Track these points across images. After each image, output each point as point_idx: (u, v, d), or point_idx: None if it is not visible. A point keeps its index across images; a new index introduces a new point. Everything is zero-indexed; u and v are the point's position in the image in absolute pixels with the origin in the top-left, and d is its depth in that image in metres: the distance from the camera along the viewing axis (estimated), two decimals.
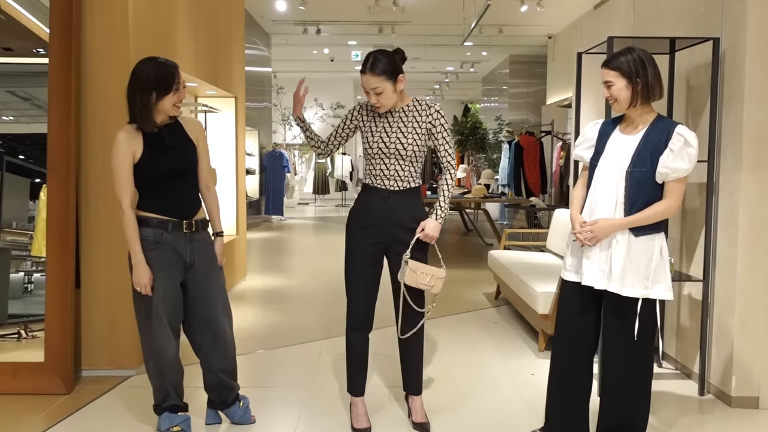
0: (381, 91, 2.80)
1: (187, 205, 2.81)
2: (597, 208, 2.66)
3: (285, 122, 17.95)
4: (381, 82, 2.80)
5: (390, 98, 2.84)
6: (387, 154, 2.88)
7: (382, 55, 2.84)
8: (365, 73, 2.81)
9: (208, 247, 2.88)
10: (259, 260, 8.24)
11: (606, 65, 2.63)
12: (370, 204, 2.93)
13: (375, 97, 2.83)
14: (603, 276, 2.63)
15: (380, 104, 2.84)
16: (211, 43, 5.43)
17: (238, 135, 6.35)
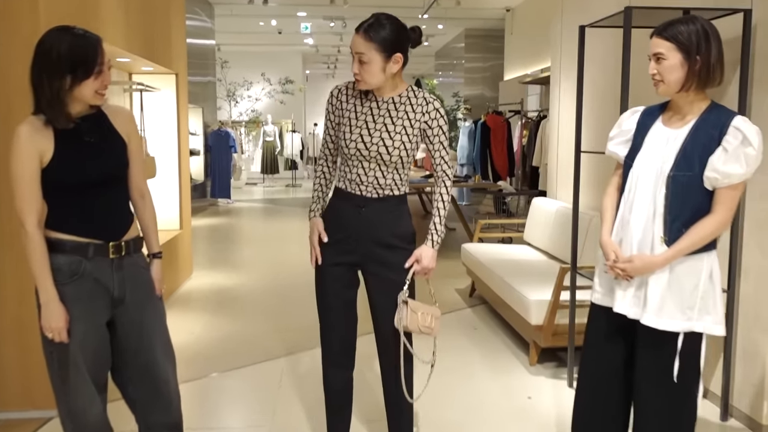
0: (366, 60, 2.23)
1: (114, 222, 2.17)
2: (631, 219, 2.14)
3: (230, 98, 17.05)
4: (370, 50, 2.22)
5: (374, 75, 2.25)
6: (366, 158, 2.31)
7: (388, 20, 2.25)
8: (357, 32, 2.25)
9: (142, 275, 2.25)
10: (206, 253, 7.56)
11: (660, 34, 2.08)
12: (342, 213, 2.38)
13: (357, 65, 2.25)
14: (637, 305, 2.13)
15: (360, 77, 2.26)
16: (146, 12, 4.69)
17: (180, 116, 5.63)
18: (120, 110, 2.28)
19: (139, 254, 2.25)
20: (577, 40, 5.08)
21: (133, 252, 2.21)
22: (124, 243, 2.17)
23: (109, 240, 2.13)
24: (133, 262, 2.20)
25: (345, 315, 2.45)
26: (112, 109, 2.24)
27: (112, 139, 2.18)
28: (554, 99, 5.41)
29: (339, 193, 2.41)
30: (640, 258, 2.09)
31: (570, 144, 5.04)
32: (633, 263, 2.09)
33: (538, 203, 5.31)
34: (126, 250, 2.17)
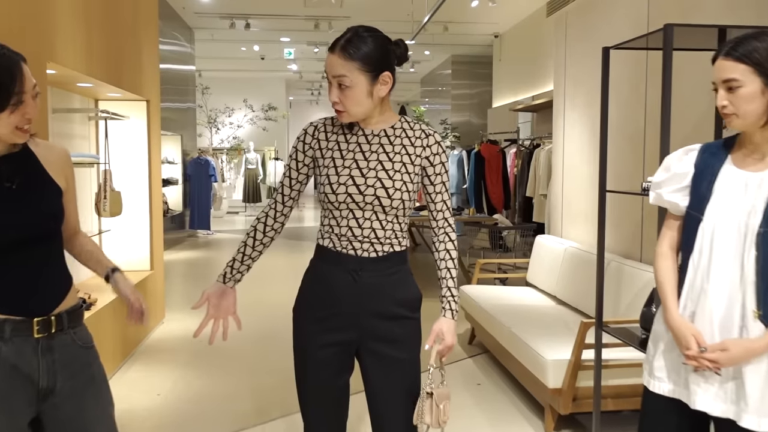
0: (349, 84, 1.79)
1: (41, 291, 1.68)
2: (709, 289, 1.68)
3: (211, 125, 16.60)
4: (351, 71, 1.78)
5: (360, 102, 1.81)
6: (360, 204, 1.84)
7: (368, 33, 1.82)
8: (332, 52, 1.81)
9: (81, 356, 1.76)
10: (182, 291, 7.04)
11: (730, 54, 1.64)
12: (331, 281, 1.88)
13: (337, 92, 1.81)
14: (727, 400, 1.67)
15: (342, 106, 1.82)
16: (112, 35, 4.24)
17: (151, 145, 5.15)
18: (54, 149, 1.81)
19: (78, 329, 1.77)
20: (582, 64, 4.74)
21: (69, 327, 1.73)
22: (54, 318, 1.69)
23: (34, 315, 1.65)
24: (67, 342, 1.72)
25: (336, 408, 1.96)
26: (43, 147, 1.77)
27: (41, 185, 1.71)
28: (558, 128, 5.01)
29: (325, 255, 1.91)
30: (739, 345, 1.62)
31: (578, 177, 4.64)
32: (729, 352, 1.62)
33: (543, 242, 4.88)
34: (58, 326, 1.69)
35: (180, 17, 10.94)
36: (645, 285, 3.36)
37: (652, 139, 3.61)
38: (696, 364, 1.66)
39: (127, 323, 1.94)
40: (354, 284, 1.86)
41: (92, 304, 3.85)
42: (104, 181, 4.33)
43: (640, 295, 3.37)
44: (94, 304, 3.89)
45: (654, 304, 2.81)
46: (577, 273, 4.16)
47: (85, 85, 4.13)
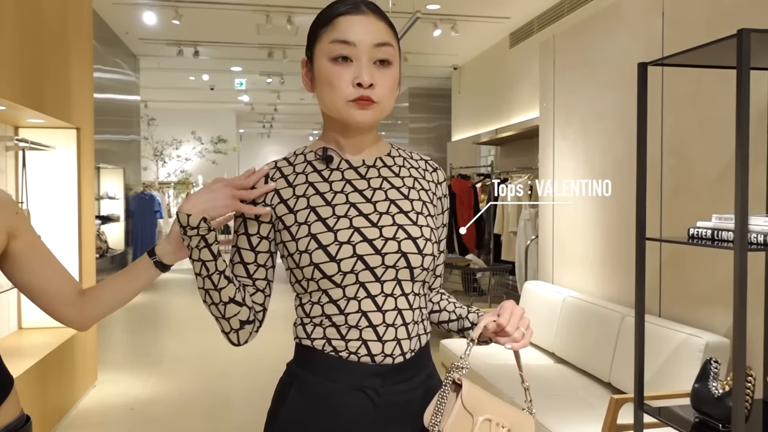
0: (392, 59, 1.21)
1: None
2: None
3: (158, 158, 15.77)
4: (394, 41, 1.22)
5: (392, 94, 1.22)
6: (378, 270, 1.18)
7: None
8: (364, 13, 1.20)
9: None
10: (118, 345, 6.23)
11: None
12: (335, 405, 1.20)
13: (370, 71, 1.18)
14: None
15: (376, 95, 1.18)
16: (31, 51, 3.56)
17: (81, 179, 4.44)
18: None
19: None
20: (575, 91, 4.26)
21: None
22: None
23: None
24: None
25: None
26: None
27: None
28: (546, 161, 4.53)
29: (319, 365, 1.21)
30: None
31: (573, 216, 4.14)
32: None
33: (534, 289, 4.34)
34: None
35: (123, 43, 10.24)
36: (675, 350, 2.84)
37: (673, 173, 3.13)
38: None
39: None
40: (372, 408, 1.20)
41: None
42: None
43: (671, 362, 2.84)
44: None
45: (710, 381, 2.27)
46: (579, 327, 3.63)
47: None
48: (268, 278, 1.28)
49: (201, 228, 1.18)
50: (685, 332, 2.83)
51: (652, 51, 3.25)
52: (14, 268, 1.22)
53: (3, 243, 1.18)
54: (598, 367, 3.36)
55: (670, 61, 2.25)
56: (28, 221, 1.25)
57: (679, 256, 3.11)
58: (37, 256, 1.24)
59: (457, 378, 1.14)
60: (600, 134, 3.84)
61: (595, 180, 3.88)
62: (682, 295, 3.09)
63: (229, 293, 1.21)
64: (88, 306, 1.26)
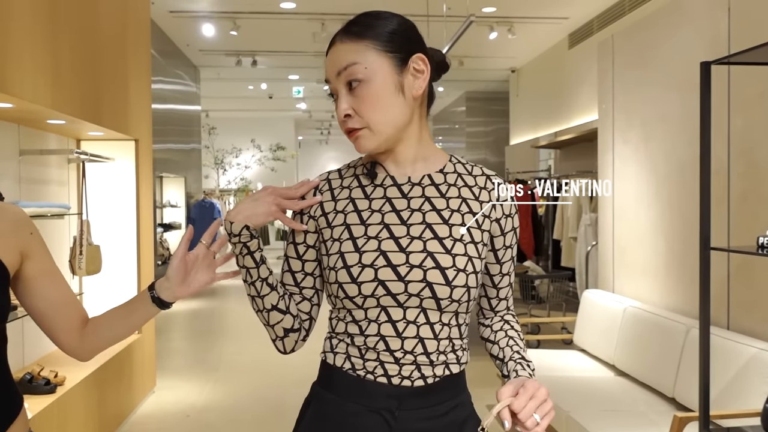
0: (363, 76, 1.13)
1: None
2: None
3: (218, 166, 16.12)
4: (364, 54, 1.14)
5: (384, 106, 1.15)
6: (401, 297, 1.14)
7: (389, 13, 1.19)
8: (332, 46, 1.18)
9: None
10: (179, 351, 6.35)
11: None
12: (352, 426, 1.18)
13: (345, 98, 1.15)
14: None
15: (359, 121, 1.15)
16: (89, 66, 3.65)
17: (140, 190, 4.54)
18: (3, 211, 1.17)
19: None
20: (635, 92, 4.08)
21: None
22: None
23: None
24: None
25: None
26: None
27: None
28: (605, 166, 4.37)
29: (336, 384, 1.20)
30: None
31: (635, 223, 3.97)
32: None
33: (592, 298, 4.19)
34: None
35: (184, 55, 10.50)
36: (745, 365, 2.67)
37: (741, 178, 2.96)
38: None
39: None
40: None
41: (59, 385, 3.19)
42: (80, 234, 3.70)
43: (740, 379, 2.67)
44: (61, 384, 3.22)
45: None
46: (641, 338, 3.47)
47: (57, 122, 3.53)
48: (316, 287, 1.26)
49: (243, 235, 1.18)
50: (757, 347, 2.66)
51: (718, 48, 3.08)
52: (24, 291, 1.20)
53: (16, 263, 1.16)
54: (662, 382, 3.20)
55: (736, 59, 2.12)
56: (43, 244, 1.23)
57: (749, 265, 2.93)
58: (47, 281, 1.22)
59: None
60: (663, 137, 3.67)
61: (658, 185, 3.71)
62: (753, 307, 2.91)
63: (271, 301, 1.21)
64: (87, 338, 1.25)
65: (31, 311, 1.22)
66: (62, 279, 1.25)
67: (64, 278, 1.26)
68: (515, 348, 1.24)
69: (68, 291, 1.25)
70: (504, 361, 1.23)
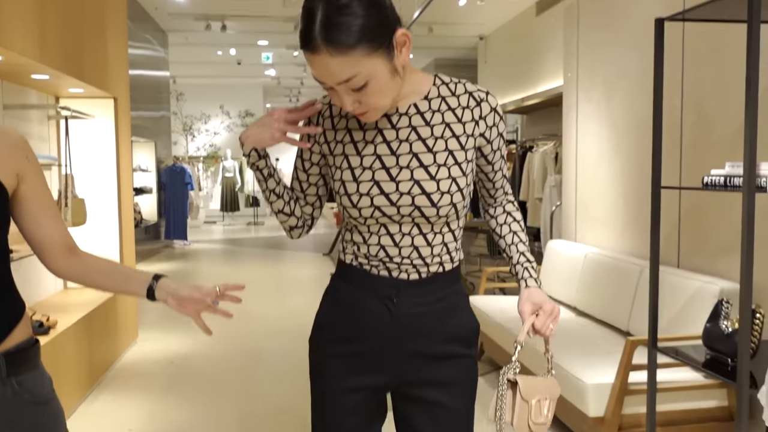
0: (363, 81, 1.21)
1: None
2: None
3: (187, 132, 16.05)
4: (359, 64, 1.19)
5: (386, 91, 1.26)
6: (394, 217, 1.34)
7: (347, 4, 1.16)
8: (315, 51, 1.18)
9: (28, 415, 1.25)
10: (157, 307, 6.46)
11: None
12: (359, 309, 1.40)
13: (349, 97, 1.25)
14: None
15: (368, 111, 1.28)
16: (72, 20, 3.74)
17: (120, 148, 4.64)
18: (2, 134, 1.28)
19: (24, 377, 1.26)
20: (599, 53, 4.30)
21: (10, 375, 1.23)
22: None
23: None
24: (5, 396, 1.22)
25: None
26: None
27: None
28: (570, 124, 4.60)
29: (349, 275, 1.42)
30: None
31: (596, 177, 4.22)
32: None
33: (556, 247, 4.45)
34: None
35: (152, 19, 10.42)
36: (691, 297, 2.94)
37: (692, 129, 3.20)
38: None
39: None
40: (388, 316, 1.38)
41: (51, 327, 3.34)
42: (65, 187, 3.81)
43: (687, 309, 2.95)
44: (53, 327, 3.37)
45: (721, 320, 2.38)
46: (600, 281, 3.74)
47: (41, 77, 3.61)
48: (318, 194, 1.49)
49: (252, 156, 1.41)
50: (702, 280, 2.94)
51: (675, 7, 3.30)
52: (18, 211, 1.29)
53: (13, 184, 1.25)
54: (618, 318, 3.48)
55: (689, 16, 2.33)
56: (39, 170, 1.32)
57: (698, 210, 3.20)
58: (40, 204, 1.30)
59: (512, 377, 1.33)
60: (623, 95, 3.91)
61: (618, 141, 3.95)
62: (700, 246, 3.18)
63: (278, 206, 1.47)
64: (75, 265, 1.37)
65: (23, 230, 1.32)
66: (54, 206, 1.36)
67: (56, 206, 1.38)
68: (521, 248, 1.47)
69: (57, 217, 1.36)
70: (513, 263, 1.47)
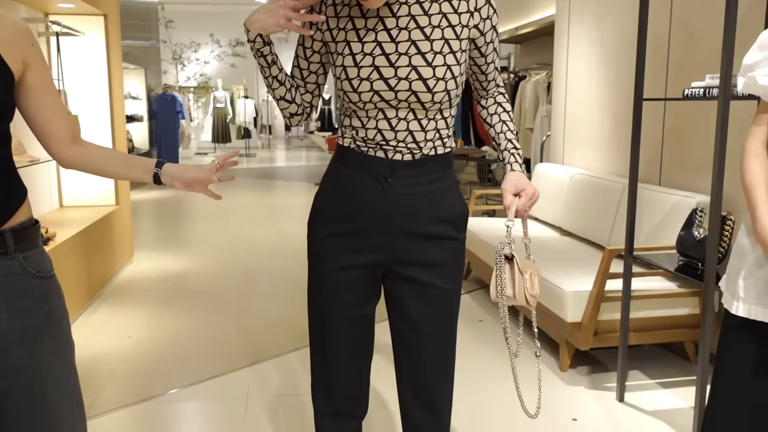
0: None
1: None
2: None
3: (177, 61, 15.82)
4: None
5: None
6: (392, 102, 1.43)
7: None
8: None
9: (33, 287, 1.34)
10: (151, 231, 6.60)
11: None
12: (355, 188, 1.50)
13: None
14: None
15: None
16: None
17: (111, 67, 4.64)
18: (3, 20, 1.29)
19: (30, 253, 1.35)
20: None
21: (16, 251, 1.32)
22: None
23: None
24: (13, 269, 1.31)
25: (357, 344, 1.60)
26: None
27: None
28: (560, 49, 4.62)
29: (347, 158, 1.52)
30: None
31: (584, 99, 4.27)
32: None
33: (544, 170, 4.54)
34: (2, 246, 1.29)
35: None
36: (670, 211, 3.05)
37: (680, 48, 3.25)
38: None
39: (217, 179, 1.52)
40: (383, 194, 1.47)
41: (50, 239, 3.43)
42: None
43: (664, 222, 3.07)
44: (52, 239, 3.47)
45: (694, 227, 2.50)
46: (585, 201, 3.85)
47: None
48: (318, 83, 1.57)
49: (257, 42, 1.46)
50: (680, 195, 3.04)
51: None
52: (23, 98, 1.33)
53: (19, 70, 1.27)
54: (600, 235, 3.60)
55: None
56: (42, 58, 1.35)
57: (680, 129, 3.27)
58: (44, 92, 1.33)
59: (508, 253, 1.47)
60: (614, 16, 3.92)
61: (607, 62, 3.99)
62: (681, 164, 3.28)
63: (280, 93, 1.54)
64: (79, 152, 1.42)
65: (28, 119, 1.37)
66: (57, 94, 1.40)
67: (58, 94, 1.43)
68: (509, 135, 1.57)
69: (61, 105, 1.40)
70: (500, 149, 1.57)
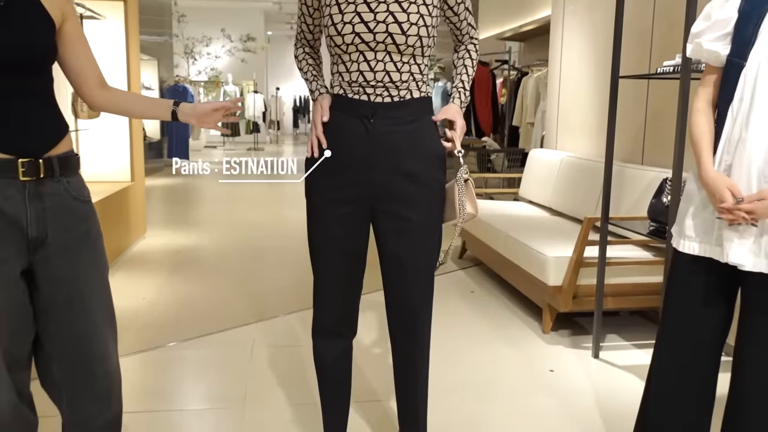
0: None
1: (27, 129, 1.52)
2: (748, 138, 1.56)
3: (188, 55, 16.08)
4: None
5: None
6: (371, 44, 1.67)
7: None
8: None
9: (75, 209, 1.59)
10: (163, 212, 6.87)
11: None
12: (341, 128, 1.73)
13: None
14: (761, 254, 1.58)
15: None
16: None
17: (129, 50, 4.90)
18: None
19: (72, 179, 1.59)
20: None
21: (61, 175, 1.56)
22: (43, 162, 1.52)
23: (20, 155, 1.49)
24: (59, 191, 1.56)
25: (346, 275, 1.83)
26: None
27: (23, 9, 1.52)
28: (555, 41, 4.85)
29: (337, 103, 1.75)
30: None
31: (576, 89, 4.51)
32: (766, 201, 1.53)
33: (537, 155, 4.78)
34: (47, 171, 1.53)
35: None
36: (648, 186, 3.28)
37: (663, 38, 3.48)
38: (731, 217, 1.56)
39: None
40: (365, 133, 1.71)
41: None
42: None
43: (642, 196, 3.30)
44: None
45: (663, 195, 2.73)
46: (574, 181, 4.08)
47: None
48: (314, 41, 1.88)
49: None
50: (656, 171, 3.27)
51: None
52: (63, 48, 1.59)
53: (59, 20, 1.54)
54: (585, 211, 3.82)
55: None
56: (76, 13, 1.65)
57: (661, 111, 3.50)
58: (78, 42, 1.61)
59: (465, 176, 1.72)
60: (605, 8, 4.15)
61: (597, 53, 4.22)
62: (661, 143, 3.51)
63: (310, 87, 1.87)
64: (107, 96, 1.70)
65: (64, 65, 1.63)
66: (88, 44, 1.67)
67: (89, 46, 1.68)
68: (463, 78, 1.83)
69: (92, 54, 1.68)
70: (452, 85, 1.84)
